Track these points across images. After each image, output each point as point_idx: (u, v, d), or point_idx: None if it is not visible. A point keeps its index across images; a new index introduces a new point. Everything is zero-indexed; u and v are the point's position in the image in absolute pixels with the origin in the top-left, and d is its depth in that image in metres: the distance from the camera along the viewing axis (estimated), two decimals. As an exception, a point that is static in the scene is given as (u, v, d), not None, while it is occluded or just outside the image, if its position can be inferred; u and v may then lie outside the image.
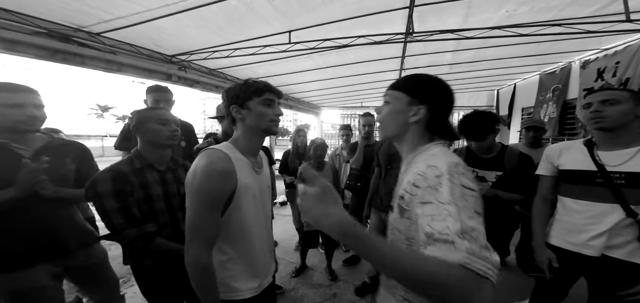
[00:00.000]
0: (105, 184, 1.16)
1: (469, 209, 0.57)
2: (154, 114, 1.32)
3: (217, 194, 0.89)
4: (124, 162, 1.26)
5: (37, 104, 1.24)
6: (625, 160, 1.16)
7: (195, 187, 0.87)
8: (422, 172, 0.69)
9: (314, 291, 2.49)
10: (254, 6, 2.37)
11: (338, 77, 5.03)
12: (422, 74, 0.82)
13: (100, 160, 1.34)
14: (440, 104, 0.78)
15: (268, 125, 1.02)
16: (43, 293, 1.24)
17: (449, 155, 0.71)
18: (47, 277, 1.26)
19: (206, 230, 0.89)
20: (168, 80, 3.54)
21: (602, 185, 1.20)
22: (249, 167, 1.02)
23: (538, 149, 2.48)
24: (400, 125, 0.81)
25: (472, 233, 0.53)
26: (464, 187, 0.60)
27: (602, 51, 3.62)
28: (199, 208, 0.87)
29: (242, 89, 0.99)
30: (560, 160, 1.38)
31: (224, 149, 0.95)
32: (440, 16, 2.68)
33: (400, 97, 0.81)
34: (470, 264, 0.49)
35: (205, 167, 0.88)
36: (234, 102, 0.99)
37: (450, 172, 0.62)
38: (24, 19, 2.16)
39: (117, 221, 1.15)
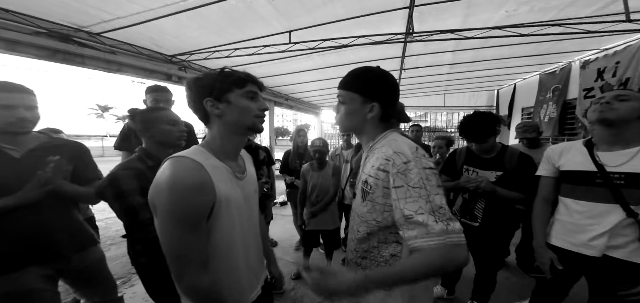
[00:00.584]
0: (130, 182, 1.15)
1: (433, 187, 0.70)
2: (163, 115, 1.31)
3: (194, 214, 0.73)
4: (135, 161, 1.25)
5: (29, 105, 1.20)
6: (625, 160, 1.16)
7: (165, 208, 0.70)
8: (389, 156, 0.77)
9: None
10: (254, 6, 2.37)
11: (338, 77, 5.00)
12: (366, 70, 0.88)
13: (100, 160, 1.33)
14: (389, 97, 0.88)
15: (253, 121, 0.87)
16: (36, 296, 1.21)
17: (407, 141, 0.81)
18: (38, 280, 1.22)
19: (194, 253, 0.74)
20: (168, 80, 3.55)
21: (602, 186, 1.21)
22: (229, 175, 0.85)
23: (537, 149, 2.48)
24: (358, 121, 0.90)
25: (440, 211, 0.68)
26: (425, 169, 0.72)
27: (602, 51, 3.62)
28: (176, 233, 0.71)
29: (219, 78, 0.84)
30: (560, 161, 1.38)
31: (194, 156, 0.77)
32: (440, 16, 2.68)
33: (354, 98, 0.88)
34: (447, 241, 0.65)
35: (172, 183, 0.70)
36: (209, 95, 0.82)
37: (415, 158, 0.73)
38: (25, 19, 2.16)
39: (144, 216, 1.14)
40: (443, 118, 9.31)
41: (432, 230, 0.66)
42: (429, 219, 0.67)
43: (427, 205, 0.68)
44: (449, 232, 0.65)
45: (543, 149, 2.51)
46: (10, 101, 1.15)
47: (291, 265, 3.02)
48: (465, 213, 1.82)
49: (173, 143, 1.33)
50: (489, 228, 1.73)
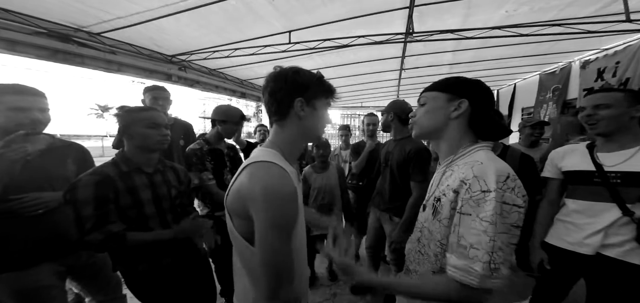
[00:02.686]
0: (86, 190, 1.07)
1: (505, 226, 0.62)
2: (144, 116, 1.23)
3: (292, 222, 0.72)
4: (109, 165, 1.19)
5: (42, 108, 1.25)
6: (622, 160, 1.18)
7: (269, 220, 0.68)
8: (466, 179, 0.67)
9: (314, 291, 2.48)
10: (254, 6, 2.37)
11: (338, 77, 5.03)
12: (456, 76, 0.82)
13: (100, 160, 1.33)
14: (482, 98, 0.76)
15: (322, 132, 0.88)
16: (47, 292, 1.24)
17: (498, 164, 0.68)
18: (51, 276, 1.26)
19: (291, 265, 0.73)
20: (168, 80, 3.54)
21: (600, 184, 1.23)
22: (297, 178, 0.85)
23: (536, 148, 2.48)
24: (439, 121, 0.79)
25: (498, 253, 0.62)
26: (506, 204, 0.63)
27: (602, 51, 3.62)
28: (280, 245, 0.69)
29: (315, 81, 0.81)
30: (563, 162, 1.40)
31: (277, 161, 0.74)
32: (440, 16, 2.68)
33: (438, 96, 0.79)
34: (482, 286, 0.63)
35: (274, 193, 0.68)
36: (302, 94, 0.78)
37: (498, 189, 0.63)
38: (24, 19, 2.16)
39: (85, 227, 1.06)
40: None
41: (474, 271, 0.63)
42: (482, 257, 0.62)
43: (489, 244, 0.61)
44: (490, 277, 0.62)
45: (541, 148, 2.51)
46: (25, 103, 1.19)
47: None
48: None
49: (152, 148, 1.26)
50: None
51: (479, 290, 0.63)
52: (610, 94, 1.20)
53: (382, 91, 6.60)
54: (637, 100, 1.16)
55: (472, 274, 0.63)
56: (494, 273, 0.62)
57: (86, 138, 27.65)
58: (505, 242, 0.62)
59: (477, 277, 0.62)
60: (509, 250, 0.63)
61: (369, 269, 2.39)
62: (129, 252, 1.20)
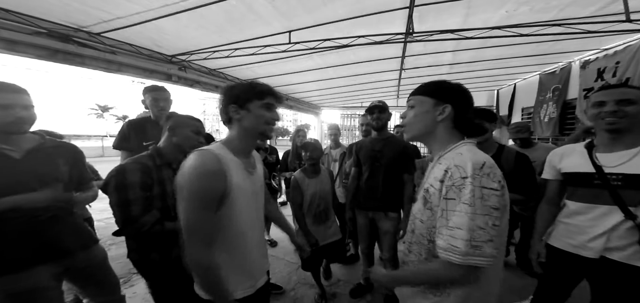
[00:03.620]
0: (134, 175, 1.22)
1: (485, 208, 0.70)
2: (193, 123, 1.43)
3: (209, 194, 0.88)
4: (145, 157, 1.32)
5: (25, 105, 1.20)
6: (624, 161, 1.14)
7: (186, 188, 0.86)
8: (449, 168, 0.77)
9: (314, 291, 2.48)
10: (254, 6, 2.37)
11: (338, 77, 5.03)
12: (439, 80, 0.90)
13: (101, 160, 1.34)
14: (462, 102, 0.87)
15: (264, 128, 1.02)
16: (44, 294, 1.23)
17: (476, 155, 0.77)
18: (48, 279, 1.25)
19: (202, 230, 0.88)
20: (168, 80, 3.55)
21: (600, 187, 1.20)
22: (242, 168, 1.01)
23: (530, 149, 2.50)
24: (428, 124, 0.89)
25: (478, 232, 0.69)
26: (484, 188, 0.71)
27: (602, 51, 3.62)
28: (192, 210, 0.86)
29: (245, 89, 0.99)
30: (561, 163, 1.37)
31: (215, 149, 0.94)
32: (440, 16, 2.68)
33: (425, 100, 0.89)
34: (468, 262, 0.70)
35: (194, 168, 0.86)
36: (234, 102, 0.99)
37: (474, 175, 0.72)
38: (24, 19, 2.17)
39: (136, 211, 1.20)
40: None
41: (457, 248, 0.70)
42: (464, 236, 0.70)
43: (468, 223, 0.70)
44: (472, 254, 0.69)
45: (535, 148, 2.52)
46: (6, 101, 1.15)
47: (291, 265, 3.02)
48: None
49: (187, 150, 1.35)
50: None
51: (463, 267, 0.71)
52: (633, 90, 1.13)
53: (382, 91, 6.60)
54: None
55: (455, 252, 0.71)
56: (475, 250, 0.69)
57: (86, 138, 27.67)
58: (488, 223, 0.70)
59: (460, 253, 0.70)
60: (493, 232, 0.70)
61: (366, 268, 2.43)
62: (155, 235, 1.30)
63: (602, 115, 1.19)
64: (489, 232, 0.70)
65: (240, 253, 1.00)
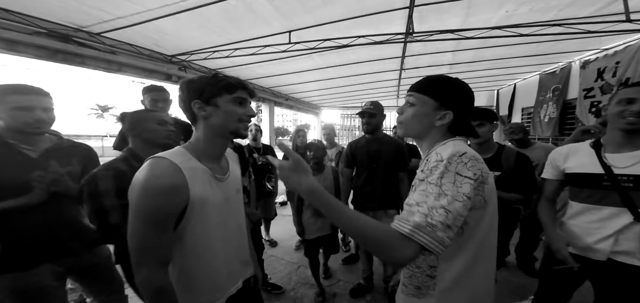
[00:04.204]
0: (106, 182, 1.14)
1: (454, 192, 0.65)
2: (152, 115, 1.35)
3: (162, 214, 0.75)
4: (120, 161, 1.24)
5: (46, 107, 1.26)
6: (635, 162, 1.10)
7: (134, 204, 0.75)
8: (428, 156, 0.77)
9: (314, 291, 2.48)
10: (254, 6, 2.37)
11: (338, 77, 5.03)
12: (445, 78, 0.84)
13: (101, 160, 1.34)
14: (465, 109, 0.83)
15: (237, 126, 0.89)
16: (47, 293, 1.25)
17: (458, 146, 0.75)
18: (51, 277, 1.26)
19: (154, 250, 0.76)
20: (168, 80, 3.54)
21: (609, 188, 1.16)
22: (207, 176, 0.87)
23: (527, 149, 2.49)
24: (425, 127, 0.84)
25: (438, 210, 0.63)
26: (458, 174, 0.68)
27: (602, 51, 3.62)
28: (141, 229, 0.74)
29: (210, 82, 0.85)
30: (566, 163, 1.33)
31: (173, 158, 0.80)
32: (440, 16, 2.68)
33: (427, 102, 0.82)
34: (413, 236, 0.61)
35: (145, 182, 0.74)
36: (198, 97, 0.85)
37: (450, 160, 0.69)
38: (24, 19, 2.16)
39: (116, 220, 1.13)
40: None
41: (409, 221, 0.63)
42: (422, 209, 0.64)
43: (432, 202, 0.64)
44: (422, 230, 0.61)
45: (533, 148, 2.52)
46: (28, 103, 1.20)
47: (291, 265, 3.02)
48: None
49: (160, 142, 1.34)
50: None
51: (406, 241, 0.61)
52: None
53: (382, 91, 6.59)
54: None
55: (407, 223, 0.63)
56: (428, 228, 0.61)
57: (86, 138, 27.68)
58: (457, 209, 0.64)
59: (411, 225, 0.62)
60: (456, 221, 0.64)
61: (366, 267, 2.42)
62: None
63: (625, 114, 1.11)
64: (454, 218, 0.63)
65: (205, 264, 0.88)
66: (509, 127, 2.65)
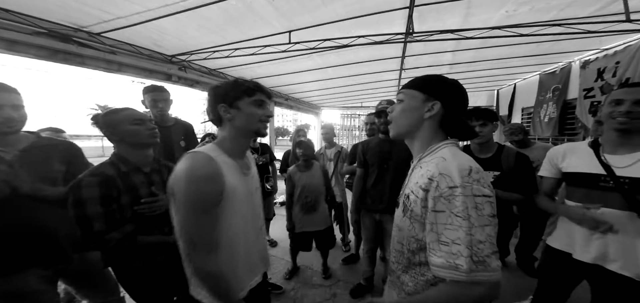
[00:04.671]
0: (91, 190, 1.08)
1: (481, 217, 0.64)
2: (126, 115, 1.23)
3: (207, 199, 0.84)
4: (107, 166, 1.18)
5: (15, 104, 1.18)
6: (630, 163, 1.11)
7: (182, 194, 0.82)
8: (433, 177, 0.70)
9: (314, 291, 2.48)
10: (254, 6, 2.37)
11: (338, 77, 5.03)
12: (435, 74, 0.83)
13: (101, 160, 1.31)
14: (454, 101, 0.80)
15: (258, 126, 0.98)
16: (35, 297, 1.20)
17: (460, 159, 0.71)
18: (38, 281, 1.21)
19: (205, 237, 0.84)
20: (168, 80, 3.54)
21: (606, 189, 1.16)
22: (236, 169, 0.97)
23: (526, 149, 2.49)
24: (414, 121, 0.82)
25: (479, 246, 0.63)
26: (476, 197, 0.65)
27: (602, 51, 3.62)
28: (191, 217, 0.82)
29: (232, 87, 0.95)
30: (564, 162, 1.34)
31: (208, 151, 0.90)
32: (440, 16, 2.68)
33: (415, 95, 0.82)
34: (473, 277, 0.62)
35: (189, 174, 0.82)
36: (223, 101, 0.94)
37: (464, 184, 0.65)
38: (24, 19, 2.16)
39: (99, 227, 1.08)
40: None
41: (461, 267, 0.63)
42: (463, 252, 0.63)
43: (466, 238, 0.63)
44: (476, 270, 0.62)
45: (533, 148, 2.52)
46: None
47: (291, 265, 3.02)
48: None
49: (146, 142, 1.26)
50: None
51: (469, 284, 0.63)
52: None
53: (382, 91, 6.60)
54: None
55: (458, 270, 0.63)
56: (479, 266, 0.62)
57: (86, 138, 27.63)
58: (489, 233, 0.64)
59: (464, 271, 0.62)
60: (494, 241, 0.65)
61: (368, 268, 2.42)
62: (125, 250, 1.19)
63: (614, 114, 1.14)
64: (491, 243, 0.64)
65: (232, 255, 0.95)
66: (509, 128, 2.65)
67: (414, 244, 0.77)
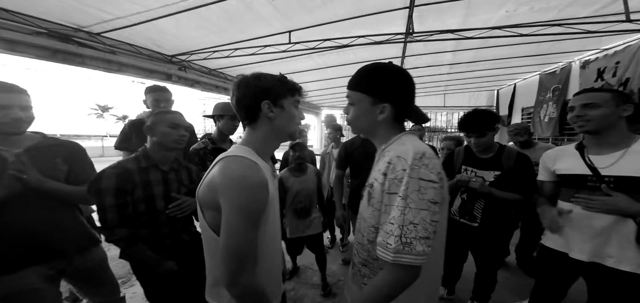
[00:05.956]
0: (109, 180, 1.18)
1: (421, 202, 0.65)
2: (167, 117, 1.34)
3: (260, 210, 0.76)
4: (130, 160, 1.28)
5: (23, 105, 1.19)
6: (612, 162, 1.16)
7: (235, 206, 0.71)
8: (391, 160, 0.72)
9: (314, 291, 2.48)
10: (254, 6, 2.37)
11: (338, 77, 5.03)
12: (376, 68, 0.81)
13: (100, 160, 1.32)
14: (402, 96, 0.79)
15: (295, 129, 0.91)
16: (37, 296, 1.20)
17: (416, 144, 0.73)
18: (40, 280, 1.21)
19: (255, 250, 0.76)
20: (168, 80, 3.55)
21: (594, 189, 1.21)
22: (271, 174, 0.90)
23: (530, 149, 2.49)
24: (369, 123, 0.83)
25: (409, 227, 0.64)
26: (421, 180, 0.66)
27: (602, 51, 3.62)
28: (244, 230, 0.72)
29: (277, 83, 0.85)
30: (555, 165, 1.39)
31: (249, 156, 0.79)
32: (440, 16, 2.68)
33: (363, 99, 0.81)
34: (397, 260, 0.64)
35: (242, 180, 0.72)
36: (267, 97, 0.82)
37: (413, 165, 0.67)
38: (24, 19, 2.16)
39: (110, 217, 1.17)
40: (443, 118, 9.31)
41: (389, 245, 0.65)
42: (395, 231, 0.64)
43: (400, 217, 0.65)
44: (402, 251, 0.63)
45: (536, 148, 2.51)
46: (5, 101, 1.13)
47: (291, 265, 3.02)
48: (464, 214, 1.82)
49: (170, 146, 1.33)
50: (488, 228, 1.73)
51: (397, 268, 0.65)
52: (599, 94, 1.19)
53: (382, 91, 6.60)
54: (624, 100, 1.16)
55: (387, 249, 0.65)
56: (405, 248, 0.63)
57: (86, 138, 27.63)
58: (424, 218, 0.64)
59: (391, 251, 0.64)
60: (431, 228, 0.65)
61: None
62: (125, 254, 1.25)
63: (573, 119, 1.27)
64: (424, 228, 0.64)
65: (269, 268, 0.87)
66: (513, 128, 2.63)
67: (373, 233, 0.76)
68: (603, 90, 1.23)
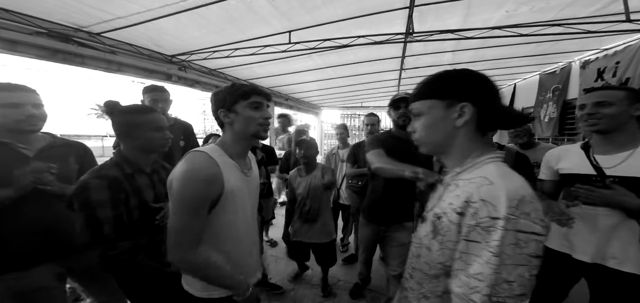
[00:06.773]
0: (100, 193, 1.07)
1: (519, 256, 0.53)
2: (150, 119, 1.23)
3: (200, 200, 0.87)
4: (111, 167, 1.17)
5: (35, 103, 1.23)
6: (618, 163, 1.14)
7: (177, 193, 0.85)
8: (471, 200, 0.59)
9: (314, 291, 2.48)
10: (254, 6, 2.37)
11: (338, 77, 5.03)
12: (445, 71, 0.72)
13: (101, 160, 1.33)
14: (485, 94, 0.67)
15: (256, 129, 0.99)
16: (47, 293, 1.23)
17: (511, 182, 0.58)
18: (50, 278, 1.25)
19: (190, 234, 0.87)
20: (168, 80, 3.54)
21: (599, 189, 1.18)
22: (237, 170, 1.00)
23: (531, 150, 2.47)
24: (446, 134, 0.70)
25: (502, 286, 0.53)
26: (520, 232, 0.53)
27: (602, 51, 3.61)
28: (182, 215, 0.86)
29: (229, 92, 0.97)
30: (559, 164, 1.37)
31: (210, 152, 0.93)
32: (440, 16, 2.68)
33: (434, 105, 0.70)
34: None
35: (188, 172, 0.86)
36: (222, 106, 0.97)
37: (509, 216, 0.53)
38: (24, 19, 2.16)
39: (109, 231, 1.07)
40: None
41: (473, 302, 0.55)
42: (483, 289, 0.54)
43: (491, 276, 0.53)
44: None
45: (537, 149, 2.50)
46: (17, 99, 1.17)
47: (291, 265, 3.02)
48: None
49: (155, 150, 1.28)
50: None
51: None
52: (612, 92, 1.16)
53: (382, 91, 6.59)
54: (637, 99, 1.13)
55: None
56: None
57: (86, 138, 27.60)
58: (522, 274, 0.53)
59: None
60: (529, 284, 0.54)
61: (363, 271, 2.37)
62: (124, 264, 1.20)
63: (584, 118, 1.24)
64: (521, 285, 0.53)
65: (233, 253, 0.99)
66: (513, 130, 2.62)
67: (440, 269, 0.67)
68: (616, 87, 1.21)
